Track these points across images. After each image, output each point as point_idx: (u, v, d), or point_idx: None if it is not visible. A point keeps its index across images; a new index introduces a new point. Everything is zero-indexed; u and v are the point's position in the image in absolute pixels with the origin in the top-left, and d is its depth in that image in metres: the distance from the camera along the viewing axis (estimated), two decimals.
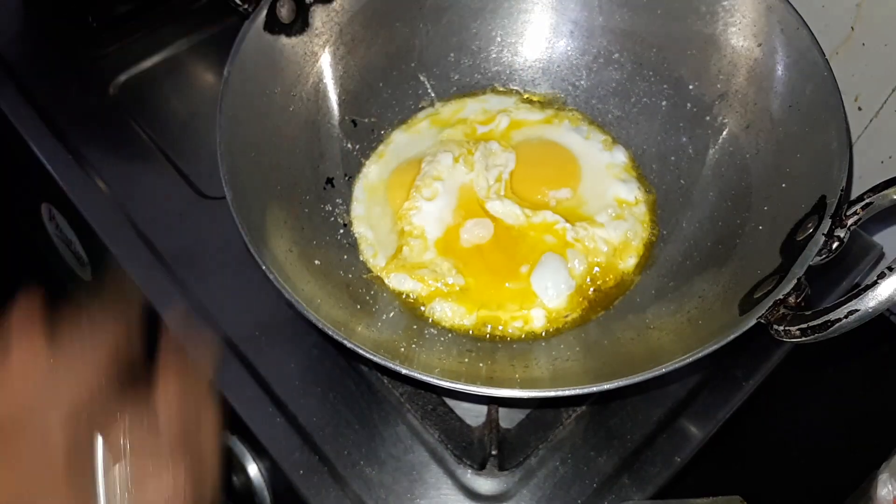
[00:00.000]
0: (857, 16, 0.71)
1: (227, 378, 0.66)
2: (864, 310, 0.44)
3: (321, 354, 0.68)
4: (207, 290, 0.71)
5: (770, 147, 0.63)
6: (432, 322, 0.65)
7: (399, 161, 0.74)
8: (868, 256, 0.76)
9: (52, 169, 0.78)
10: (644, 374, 0.49)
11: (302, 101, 0.69)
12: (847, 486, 0.73)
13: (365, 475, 0.62)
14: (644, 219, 0.70)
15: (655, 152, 0.73)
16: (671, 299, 0.62)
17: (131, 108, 0.84)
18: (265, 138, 0.64)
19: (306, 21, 0.68)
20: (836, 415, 0.88)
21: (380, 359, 0.50)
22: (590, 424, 0.65)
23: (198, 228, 0.75)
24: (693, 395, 0.67)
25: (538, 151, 0.74)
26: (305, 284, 0.58)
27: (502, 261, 0.67)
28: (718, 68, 0.68)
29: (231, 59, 0.61)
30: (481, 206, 0.70)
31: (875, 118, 0.76)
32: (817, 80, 0.59)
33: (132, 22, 0.90)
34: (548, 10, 0.76)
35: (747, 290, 0.55)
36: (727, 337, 0.49)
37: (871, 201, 0.52)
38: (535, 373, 0.60)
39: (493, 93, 0.78)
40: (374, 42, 0.74)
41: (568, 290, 0.66)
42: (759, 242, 0.59)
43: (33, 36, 0.91)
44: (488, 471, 0.62)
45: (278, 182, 0.65)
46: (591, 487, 0.62)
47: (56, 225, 0.89)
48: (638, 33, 0.73)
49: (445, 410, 0.66)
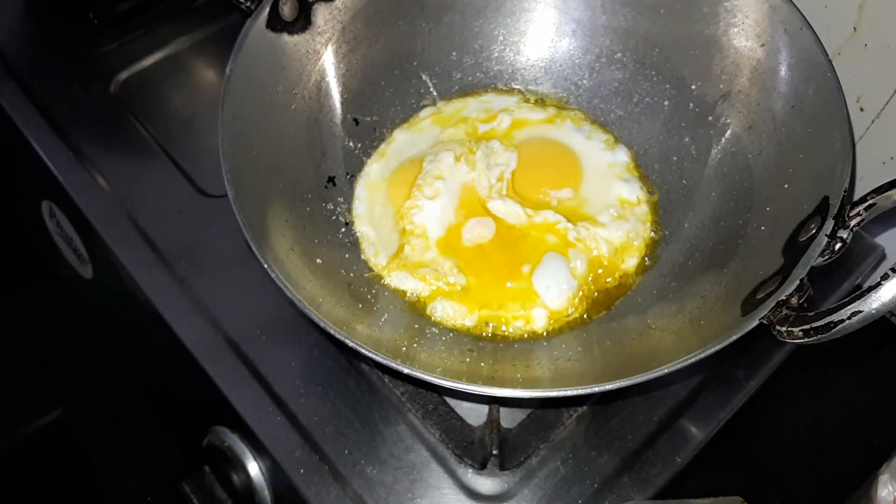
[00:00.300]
0: (860, 16, 0.71)
1: (228, 377, 0.66)
2: (868, 311, 0.44)
3: (322, 353, 0.68)
4: (208, 288, 0.71)
5: (772, 147, 0.63)
6: (434, 321, 0.65)
7: (401, 160, 0.73)
8: (870, 258, 0.76)
9: (52, 166, 0.78)
10: (645, 375, 0.49)
11: (304, 100, 0.69)
12: (848, 487, 0.73)
13: (365, 474, 0.62)
14: (646, 219, 0.70)
15: (658, 152, 0.73)
16: (673, 300, 0.62)
17: (132, 106, 0.84)
18: (267, 136, 0.64)
19: (309, 19, 0.68)
20: (836, 415, 0.88)
21: (381, 358, 0.50)
22: (591, 424, 0.65)
23: (199, 226, 0.75)
24: (694, 396, 0.67)
25: (540, 151, 0.74)
26: (307, 283, 0.58)
27: (504, 260, 0.67)
28: (721, 68, 0.68)
29: (233, 57, 0.61)
30: (483, 205, 0.69)
31: (877, 119, 0.76)
32: (820, 80, 0.59)
33: (133, 20, 0.90)
34: (550, 9, 0.76)
35: (749, 290, 0.55)
36: (729, 338, 0.49)
37: (874, 202, 0.52)
38: (537, 373, 0.60)
39: (495, 92, 0.78)
40: (376, 40, 0.73)
41: (569, 289, 0.65)
42: (761, 243, 0.59)
43: (34, 33, 0.91)
44: (489, 470, 0.62)
45: (280, 180, 0.65)
46: (591, 487, 0.62)
47: (57, 223, 0.89)
48: (641, 33, 0.73)
49: (446, 410, 0.66)
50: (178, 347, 0.68)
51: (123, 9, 0.90)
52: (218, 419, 0.69)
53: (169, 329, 0.69)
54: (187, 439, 0.77)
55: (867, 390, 0.89)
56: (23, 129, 0.81)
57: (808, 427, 0.88)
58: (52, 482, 1.02)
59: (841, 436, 0.87)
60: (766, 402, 0.75)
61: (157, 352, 0.83)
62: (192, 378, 0.69)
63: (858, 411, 0.88)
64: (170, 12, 0.92)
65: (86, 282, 0.92)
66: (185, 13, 0.92)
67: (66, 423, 1.03)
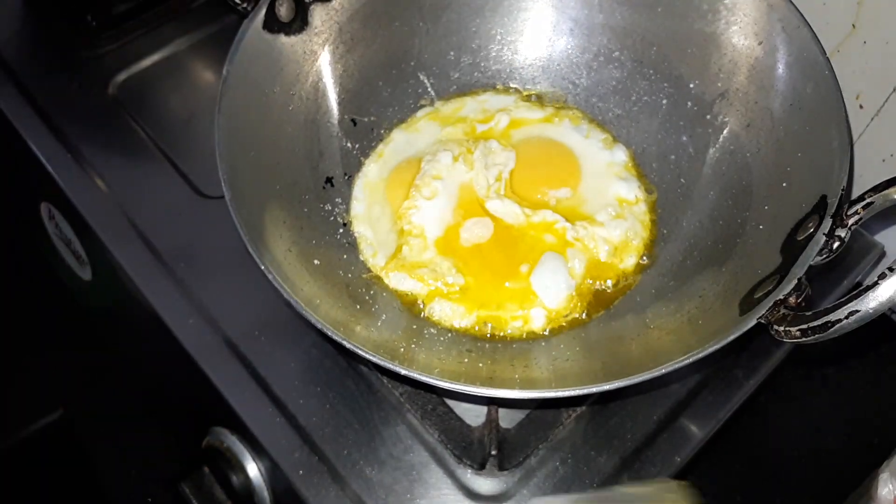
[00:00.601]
0: (858, 13, 0.71)
1: (227, 378, 0.66)
2: (865, 310, 0.44)
3: (321, 354, 0.68)
4: (207, 289, 0.71)
5: (771, 146, 0.63)
6: (432, 322, 0.65)
7: (399, 160, 0.73)
8: (869, 256, 0.76)
9: (51, 168, 0.78)
10: (644, 375, 0.49)
11: (301, 100, 0.69)
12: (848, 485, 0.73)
13: (364, 475, 0.62)
14: (644, 218, 0.70)
15: (656, 151, 0.73)
16: (671, 299, 0.62)
17: (130, 107, 0.84)
18: (264, 137, 0.64)
19: (305, 20, 0.68)
20: (836, 414, 0.88)
21: (380, 359, 0.50)
22: (590, 424, 0.65)
23: (197, 228, 0.75)
24: (693, 395, 0.67)
25: (538, 150, 0.74)
26: (305, 284, 0.58)
27: (502, 260, 0.67)
28: (719, 67, 0.68)
29: (230, 59, 0.61)
30: (481, 205, 0.69)
31: (876, 116, 0.76)
32: (818, 78, 0.59)
33: (131, 21, 0.90)
34: (548, 8, 0.76)
35: (748, 289, 0.54)
36: (727, 337, 0.49)
37: (872, 201, 0.51)
38: (535, 373, 0.60)
39: (493, 91, 0.78)
40: (373, 41, 0.73)
41: (568, 289, 0.65)
42: (759, 242, 0.59)
43: (33, 35, 0.91)
44: (488, 471, 0.62)
45: (277, 181, 0.65)
46: (591, 487, 0.62)
47: (55, 224, 0.89)
48: (638, 31, 0.73)
49: (445, 410, 0.66)
50: (177, 348, 0.68)
51: (121, 10, 0.90)
52: (217, 420, 0.69)
53: (168, 330, 0.69)
54: (186, 440, 0.77)
55: (867, 388, 0.89)
56: (21, 130, 0.81)
57: (807, 425, 0.88)
58: (52, 482, 1.02)
59: (841, 434, 0.87)
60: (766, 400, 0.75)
61: (157, 353, 0.83)
62: (191, 379, 0.69)
63: (858, 409, 0.88)
64: (167, 14, 0.92)
65: (85, 283, 0.92)
66: (183, 14, 0.92)
67: (66, 423, 1.03)
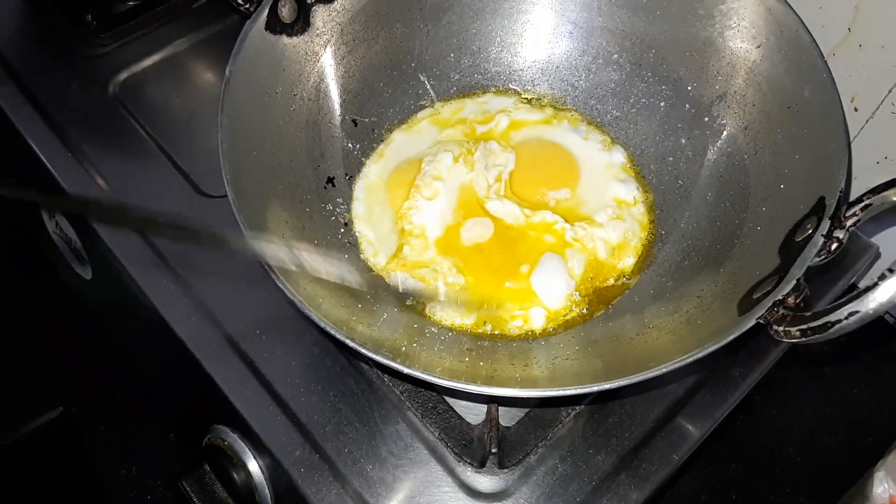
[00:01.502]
0: (855, 17, 0.72)
1: (229, 376, 0.66)
2: (865, 311, 0.44)
3: (322, 353, 0.68)
4: (208, 288, 0.71)
5: (768, 148, 0.64)
6: (432, 321, 0.65)
7: (399, 160, 0.74)
8: (865, 257, 0.76)
9: (51, 167, 0.78)
10: (643, 374, 0.49)
11: (303, 101, 0.69)
12: (843, 484, 0.74)
13: (365, 473, 0.62)
14: (642, 219, 0.71)
15: (654, 153, 0.74)
16: (670, 299, 0.63)
17: (131, 107, 0.84)
18: (266, 138, 0.65)
19: (307, 21, 0.68)
20: (832, 414, 0.89)
21: (382, 358, 0.50)
22: (589, 423, 0.65)
23: None
24: (691, 394, 0.67)
25: (537, 152, 0.74)
26: (306, 283, 0.58)
27: (502, 260, 0.67)
28: (717, 69, 0.69)
29: (232, 59, 0.62)
30: (481, 205, 0.70)
31: (871, 119, 0.77)
32: (816, 81, 0.60)
33: (132, 21, 0.90)
34: (547, 11, 0.77)
35: (746, 290, 0.55)
36: (726, 337, 0.50)
37: (870, 203, 0.52)
38: (535, 372, 0.60)
39: (493, 93, 0.78)
40: (374, 42, 0.74)
41: (567, 289, 0.66)
42: (757, 243, 0.60)
43: (33, 34, 0.91)
44: (488, 469, 0.63)
45: (279, 181, 0.65)
46: (589, 485, 0.62)
47: (56, 223, 0.89)
48: (637, 34, 0.73)
49: (445, 408, 0.66)
50: (179, 347, 0.68)
51: (122, 10, 0.90)
52: (218, 418, 0.69)
53: (169, 328, 0.69)
54: (187, 438, 0.77)
55: (863, 388, 0.89)
56: (22, 129, 0.81)
57: (804, 424, 0.88)
58: (52, 480, 1.02)
59: (837, 433, 0.88)
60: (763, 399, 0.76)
61: (157, 351, 0.83)
62: (193, 377, 0.69)
63: (854, 409, 0.89)
64: (169, 13, 0.92)
65: (86, 282, 0.92)
66: (184, 14, 0.92)
67: (66, 420, 1.03)
